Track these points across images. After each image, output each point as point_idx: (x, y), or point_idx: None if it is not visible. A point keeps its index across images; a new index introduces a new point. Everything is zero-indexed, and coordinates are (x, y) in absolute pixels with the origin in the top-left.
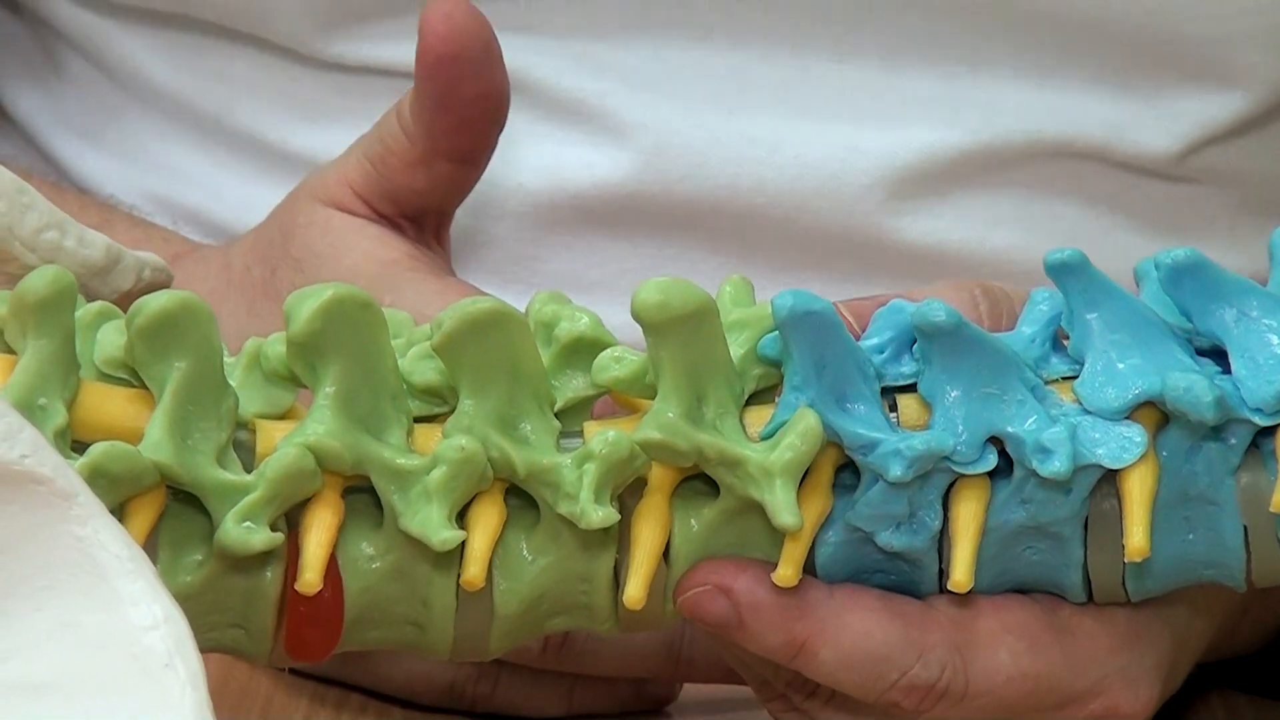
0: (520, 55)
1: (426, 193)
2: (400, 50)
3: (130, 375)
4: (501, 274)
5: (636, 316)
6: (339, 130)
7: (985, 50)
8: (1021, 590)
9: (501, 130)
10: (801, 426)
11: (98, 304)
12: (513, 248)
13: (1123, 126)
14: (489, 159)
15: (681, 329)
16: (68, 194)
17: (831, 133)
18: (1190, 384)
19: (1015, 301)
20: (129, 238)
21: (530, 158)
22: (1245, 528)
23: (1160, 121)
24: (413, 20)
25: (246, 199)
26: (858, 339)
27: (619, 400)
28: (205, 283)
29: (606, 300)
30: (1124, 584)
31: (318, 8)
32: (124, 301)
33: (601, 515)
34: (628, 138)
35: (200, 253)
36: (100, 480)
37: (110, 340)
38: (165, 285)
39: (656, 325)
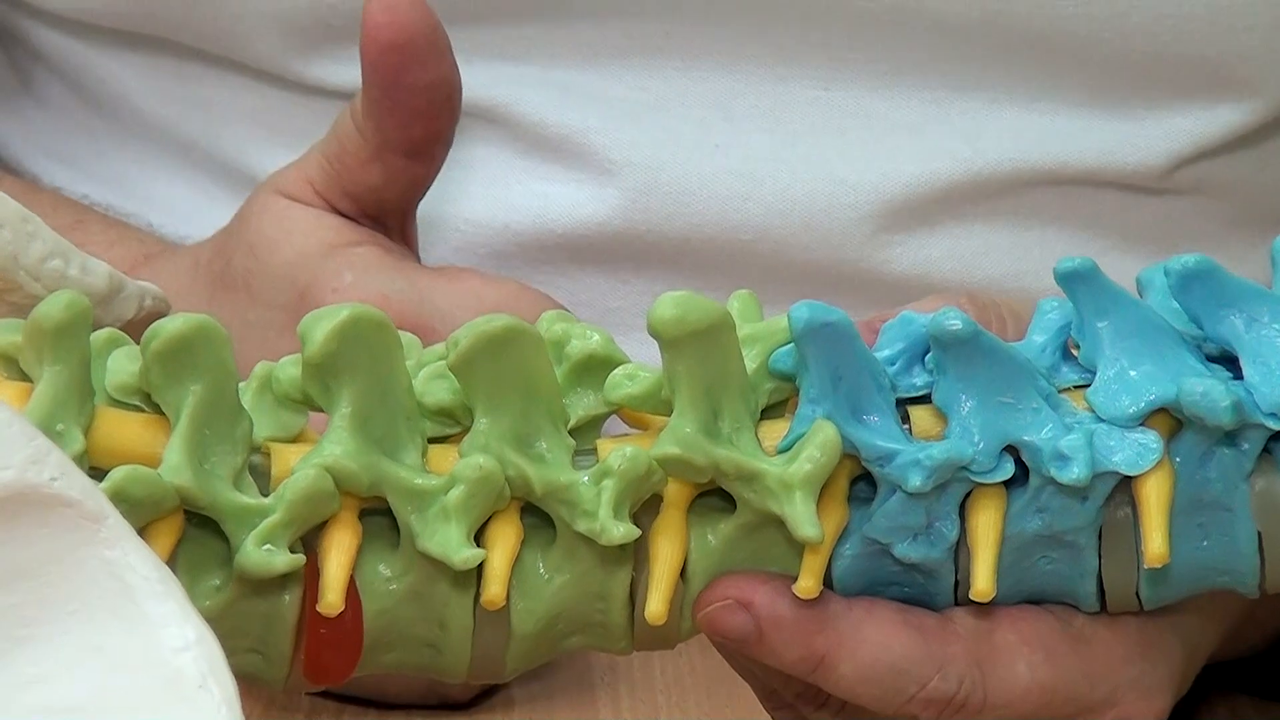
0: (503, 87)
1: (382, 188)
2: None
3: (143, 401)
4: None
5: (653, 332)
6: None
7: (972, 75)
8: (1034, 601)
9: (455, 121)
10: (820, 438)
11: (107, 330)
12: None
13: (1112, 147)
14: (444, 154)
15: (698, 344)
16: (41, 194)
17: (818, 165)
18: (1206, 389)
19: (1003, 309)
20: (104, 238)
21: (516, 197)
22: (1259, 533)
23: (1150, 140)
24: None
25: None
26: None
27: (629, 418)
28: (175, 280)
29: None
30: (1138, 592)
31: (296, 31)
32: (127, 330)
33: (622, 531)
34: (614, 176)
35: (171, 252)
36: (121, 504)
37: (121, 366)
38: (165, 314)
39: (673, 340)
